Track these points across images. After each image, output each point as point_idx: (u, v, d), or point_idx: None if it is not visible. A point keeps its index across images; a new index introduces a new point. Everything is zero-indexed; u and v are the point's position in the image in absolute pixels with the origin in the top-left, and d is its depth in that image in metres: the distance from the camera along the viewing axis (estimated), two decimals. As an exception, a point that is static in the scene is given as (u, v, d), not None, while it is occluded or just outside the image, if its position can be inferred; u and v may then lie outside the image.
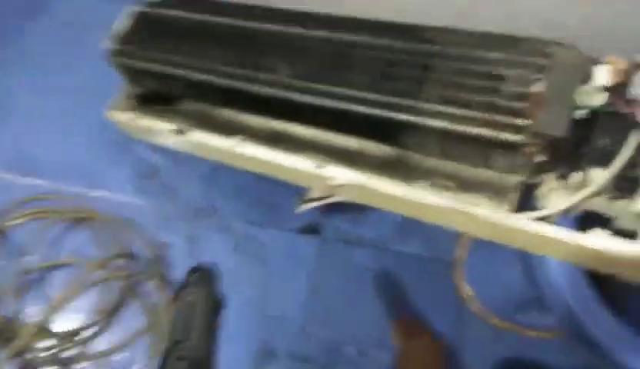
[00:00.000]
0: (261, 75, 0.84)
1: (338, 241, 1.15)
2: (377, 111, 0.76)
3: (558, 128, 0.63)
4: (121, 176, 1.15)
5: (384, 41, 0.79)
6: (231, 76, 0.87)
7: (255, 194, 1.17)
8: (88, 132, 1.19)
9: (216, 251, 1.09)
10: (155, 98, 1.06)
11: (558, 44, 0.72)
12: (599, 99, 0.64)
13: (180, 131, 0.97)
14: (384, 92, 0.75)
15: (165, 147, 1.06)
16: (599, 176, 0.66)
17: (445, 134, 0.72)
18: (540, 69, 0.68)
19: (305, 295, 1.10)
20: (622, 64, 0.69)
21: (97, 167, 1.16)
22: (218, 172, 1.16)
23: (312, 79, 0.81)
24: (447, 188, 0.77)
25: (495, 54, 0.72)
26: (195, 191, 1.15)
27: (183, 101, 1.06)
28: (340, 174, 0.82)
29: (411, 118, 0.73)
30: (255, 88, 0.85)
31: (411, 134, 0.77)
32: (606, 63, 0.68)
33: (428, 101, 0.72)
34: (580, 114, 0.65)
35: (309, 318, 1.09)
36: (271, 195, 1.16)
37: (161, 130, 0.99)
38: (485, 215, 0.72)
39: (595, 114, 0.65)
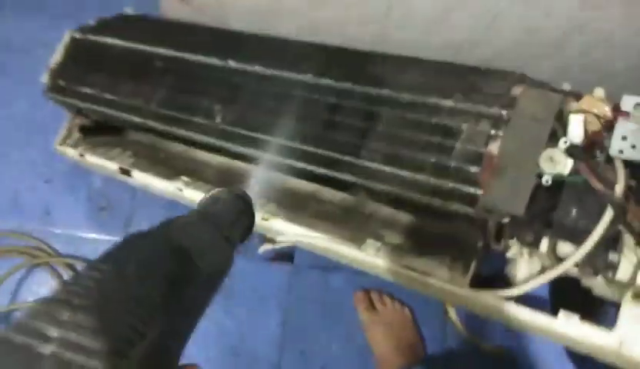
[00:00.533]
0: (196, 119, 0.75)
1: (312, 267, 1.08)
2: (317, 168, 0.66)
3: (515, 205, 0.53)
4: (76, 210, 1.08)
5: (328, 82, 0.68)
6: (165, 119, 0.78)
7: (222, 220, 1.09)
8: (39, 163, 1.12)
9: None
10: (101, 128, 0.98)
11: (527, 82, 0.60)
12: (567, 167, 0.53)
13: (125, 172, 0.89)
14: (324, 147, 0.65)
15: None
16: (569, 254, 0.56)
17: (390, 195, 0.62)
18: (499, 122, 0.57)
19: (277, 329, 1.04)
20: (602, 108, 0.57)
21: (50, 201, 1.10)
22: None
23: (248, 127, 0.71)
24: (399, 249, 0.67)
25: (449, 102, 0.60)
26: (155, 222, 1.07)
27: (130, 131, 0.97)
28: (286, 230, 0.73)
29: (353, 179, 0.63)
30: (190, 134, 0.76)
31: (357, 189, 0.67)
32: (582, 111, 0.57)
33: (371, 159, 0.62)
34: (546, 178, 0.54)
35: (283, 353, 1.03)
36: (238, 222, 1.08)
37: (108, 168, 0.92)
38: (439, 285, 0.63)
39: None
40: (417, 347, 1.02)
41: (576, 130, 0.55)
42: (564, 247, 0.58)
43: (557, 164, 0.52)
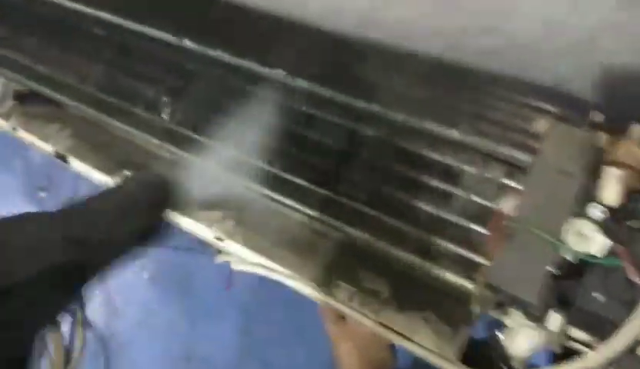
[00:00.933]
0: (137, 111, 0.61)
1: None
2: (281, 197, 0.53)
3: (526, 290, 0.41)
4: (12, 188, 0.94)
5: (303, 84, 0.54)
6: (101, 105, 0.63)
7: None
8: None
9: (130, 281, 0.91)
10: (39, 95, 0.82)
11: (558, 115, 0.47)
12: (603, 248, 0.40)
13: (61, 157, 0.75)
14: (290, 171, 0.52)
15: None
16: (584, 340, 0.45)
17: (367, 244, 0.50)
18: (515, 170, 0.44)
19: (237, 335, 0.94)
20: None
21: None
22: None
23: (199, 131, 0.57)
24: (376, 297, 0.55)
25: (452, 133, 0.47)
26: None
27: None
28: (243, 256, 0.61)
29: (324, 218, 0.50)
30: (129, 129, 0.61)
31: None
32: (617, 163, 0.44)
33: (348, 195, 0.49)
34: (570, 256, 0.42)
35: (242, 362, 0.93)
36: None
37: (42, 148, 0.77)
38: (421, 353, 0.51)
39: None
40: (387, 364, 0.92)
41: (612, 190, 0.42)
42: (578, 336, 0.46)
43: (588, 242, 0.40)
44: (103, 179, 0.71)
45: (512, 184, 0.43)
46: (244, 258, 0.62)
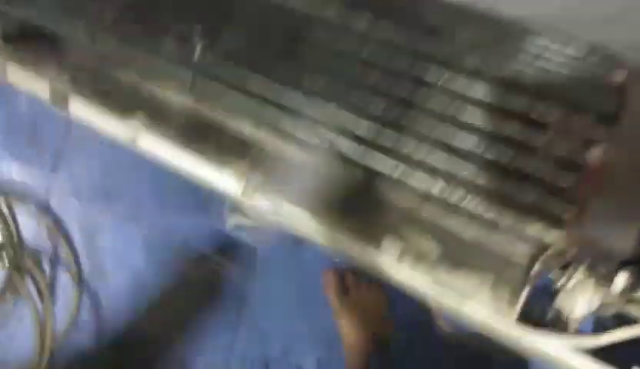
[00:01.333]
0: (167, 44, 0.55)
1: (281, 235, 0.91)
2: (334, 139, 0.48)
3: (620, 242, 0.39)
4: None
5: (360, 21, 0.50)
6: (120, 39, 0.57)
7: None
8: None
9: (120, 248, 0.84)
10: (31, 36, 0.74)
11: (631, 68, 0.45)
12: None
13: (60, 101, 0.67)
14: (348, 110, 0.48)
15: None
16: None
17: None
18: (603, 120, 0.42)
19: (232, 302, 0.89)
20: None
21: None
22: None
23: (243, 65, 0.52)
24: (426, 256, 0.52)
25: (530, 81, 0.44)
26: (92, 163, 0.85)
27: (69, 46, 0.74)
28: (275, 209, 0.56)
29: (386, 168, 0.47)
30: (155, 64, 0.55)
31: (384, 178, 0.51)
32: None
33: (415, 139, 0.45)
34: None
35: (238, 331, 0.88)
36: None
37: (36, 94, 0.70)
38: (476, 315, 0.49)
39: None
40: (386, 330, 0.90)
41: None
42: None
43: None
44: (111, 126, 0.64)
45: (601, 134, 0.41)
46: (274, 215, 0.57)
